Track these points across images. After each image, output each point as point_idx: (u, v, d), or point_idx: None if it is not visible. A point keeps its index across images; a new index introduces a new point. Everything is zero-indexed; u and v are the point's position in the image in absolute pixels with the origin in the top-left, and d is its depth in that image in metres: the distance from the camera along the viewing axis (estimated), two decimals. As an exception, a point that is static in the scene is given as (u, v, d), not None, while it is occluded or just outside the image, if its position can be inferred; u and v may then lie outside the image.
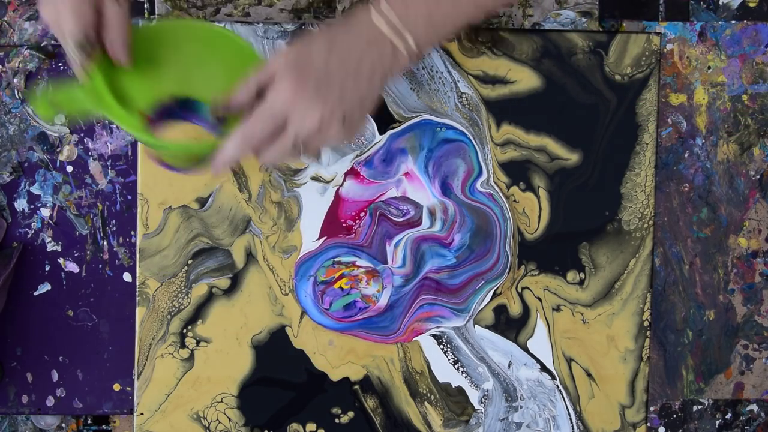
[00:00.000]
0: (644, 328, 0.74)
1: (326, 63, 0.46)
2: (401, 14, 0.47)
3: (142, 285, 0.71)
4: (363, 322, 0.72)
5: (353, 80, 0.47)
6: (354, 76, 0.47)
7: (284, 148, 0.47)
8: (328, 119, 0.46)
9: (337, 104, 0.46)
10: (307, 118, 0.46)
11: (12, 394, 0.75)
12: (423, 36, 0.48)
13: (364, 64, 0.47)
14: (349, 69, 0.47)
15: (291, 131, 0.46)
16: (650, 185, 0.73)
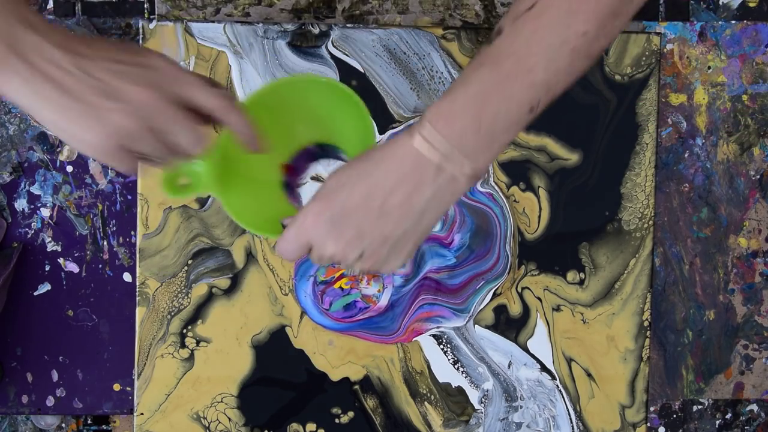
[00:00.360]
0: (644, 328, 0.74)
1: (348, 198, 0.44)
2: (447, 132, 0.41)
3: (142, 285, 0.71)
4: (363, 322, 0.72)
5: (376, 219, 0.44)
6: (377, 214, 0.43)
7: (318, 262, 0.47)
8: (342, 254, 0.45)
9: (354, 241, 0.44)
10: (322, 248, 0.45)
11: (12, 394, 0.75)
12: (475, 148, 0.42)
13: (393, 202, 0.43)
14: (372, 206, 0.43)
15: (313, 255, 0.47)
16: (650, 185, 0.73)
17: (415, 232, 0.45)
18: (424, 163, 0.42)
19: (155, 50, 0.44)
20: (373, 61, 0.71)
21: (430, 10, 0.76)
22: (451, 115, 0.41)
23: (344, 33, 0.71)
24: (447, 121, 0.41)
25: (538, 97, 0.42)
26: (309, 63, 0.71)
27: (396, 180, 0.43)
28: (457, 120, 0.41)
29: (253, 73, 0.71)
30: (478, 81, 0.41)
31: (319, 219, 0.44)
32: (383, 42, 0.71)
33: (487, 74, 0.41)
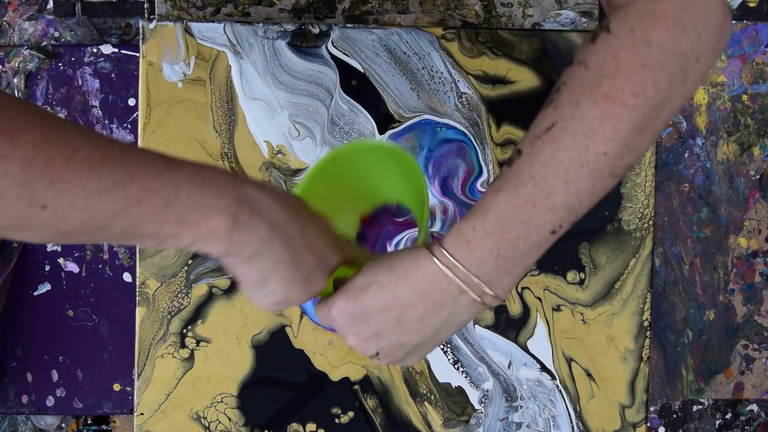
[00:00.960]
0: (644, 328, 0.74)
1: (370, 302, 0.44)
2: (466, 260, 0.41)
3: (142, 285, 0.71)
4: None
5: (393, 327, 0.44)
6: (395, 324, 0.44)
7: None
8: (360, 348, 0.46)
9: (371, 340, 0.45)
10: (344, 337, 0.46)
11: (12, 394, 0.75)
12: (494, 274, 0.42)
13: (411, 316, 0.43)
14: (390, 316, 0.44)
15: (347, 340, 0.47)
16: (650, 185, 0.73)
17: (431, 342, 0.46)
18: (444, 286, 0.42)
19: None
20: (373, 61, 0.71)
21: (430, 10, 0.76)
22: (470, 244, 0.41)
23: (344, 33, 0.71)
24: (466, 250, 0.41)
25: (559, 220, 0.42)
26: (309, 63, 0.71)
27: (415, 297, 0.43)
28: (476, 249, 0.41)
29: (253, 73, 0.71)
30: (496, 208, 0.41)
31: (343, 313, 0.45)
32: (383, 42, 0.71)
33: (504, 200, 0.41)
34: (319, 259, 0.43)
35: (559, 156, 0.40)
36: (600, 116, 0.39)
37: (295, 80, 0.71)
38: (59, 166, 0.35)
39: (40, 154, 0.34)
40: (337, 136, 0.71)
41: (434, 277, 0.42)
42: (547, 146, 0.40)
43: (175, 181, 0.37)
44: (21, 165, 0.34)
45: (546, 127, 0.40)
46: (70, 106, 0.74)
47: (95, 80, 0.74)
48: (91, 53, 0.73)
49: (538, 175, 0.40)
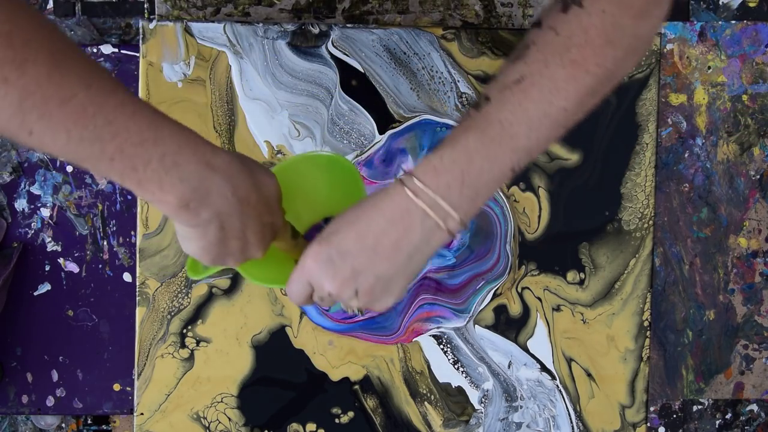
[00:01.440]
0: (644, 328, 0.74)
1: (343, 240, 0.48)
2: (432, 183, 0.46)
3: (142, 285, 0.71)
4: (363, 322, 0.72)
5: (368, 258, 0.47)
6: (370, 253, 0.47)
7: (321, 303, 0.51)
8: (338, 292, 0.49)
9: (348, 279, 0.48)
10: (320, 287, 0.49)
11: (12, 394, 0.75)
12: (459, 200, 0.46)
13: (384, 242, 0.47)
14: (365, 246, 0.47)
15: (315, 294, 0.51)
16: (650, 185, 0.73)
17: (405, 273, 0.48)
18: (412, 209, 0.46)
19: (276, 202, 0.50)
20: (373, 61, 0.71)
21: (430, 10, 0.76)
22: (437, 170, 0.46)
23: (344, 33, 0.71)
24: (433, 175, 0.46)
25: (518, 160, 0.47)
26: (309, 63, 0.71)
27: (387, 223, 0.47)
28: (443, 175, 0.46)
29: (253, 73, 0.71)
30: (464, 143, 0.46)
31: (318, 260, 0.48)
32: (383, 42, 0.71)
33: (473, 137, 0.46)
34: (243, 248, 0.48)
35: (526, 106, 0.45)
36: (565, 77, 0.45)
37: (295, 80, 0.71)
38: (52, 107, 0.38)
39: (39, 90, 0.37)
40: (337, 136, 0.71)
41: (403, 201, 0.46)
42: (516, 96, 0.45)
43: (148, 155, 0.41)
44: (20, 94, 0.37)
45: (515, 80, 0.45)
46: (70, 106, 0.74)
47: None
48: (91, 53, 0.73)
49: (506, 120, 0.45)
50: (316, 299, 0.51)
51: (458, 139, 0.46)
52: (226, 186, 0.44)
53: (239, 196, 0.45)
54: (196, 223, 0.44)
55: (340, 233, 0.48)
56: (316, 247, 0.49)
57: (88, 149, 0.40)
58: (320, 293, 0.50)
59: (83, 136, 0.39)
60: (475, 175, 0.46)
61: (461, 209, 0.46)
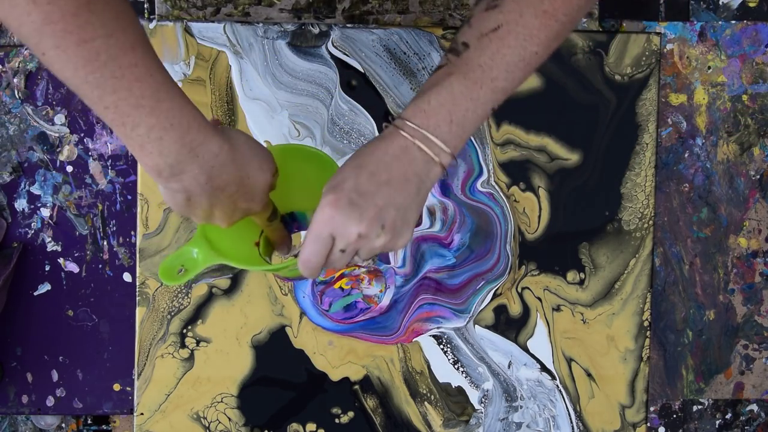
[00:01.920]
0: (644, 328, 0.74)
1: (357, 181, 0.50)
2: (423, 123, 0.50)
3: (142, 285, 0.71)
4: (363, 323, 0.72)
5: (386, 192, 0.51)
6: (386, 187, 0.51)
7: (339, 261, 0.53)
8: (366, 231, 0.50)
9: (374, 216, 0.50)
10: (347, 233, 0.50)
11: (12, 394, 0.75)
12: (448, 136, 0.51)
13: (395, 175, 0.51)
14: (380, 182, 0.50)
15: (337, 246, 0.51)
16: (650, 185, 0.73)
17: (416, 203, 0.52)
18: (410, 146, 0.51)
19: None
20: (373, 61, 0.71)
21: (430, 10, 0.76)
22: (426, 113, 0.51)
23: (344, 33, 0.71)
24: (424, 117, 0.50)
25: (497, 100, 0.52)
26: (309, 63, 0.71)
27: (392, 159, 0.51)
28: (432, 116, 0.50)
29: (253, 73, 0.71)
30: (449, 86, 0.51)
31: (339, 206, 0.50)
32: (383, 42, 0.71)
33: (456, 81, 0.51)
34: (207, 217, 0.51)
35: (503, 51, 0.50)
36: (538, 26, 0.50)
37: (295, 80, 0.71)
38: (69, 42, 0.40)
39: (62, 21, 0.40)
40: (337, 136, 0.71)
41: (402, 141, 0.51)
42: (494, 43, 0.50)
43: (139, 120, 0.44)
44: (43, 19, 0.39)
45: (492, 28, 0.50)
46: (70, 105, 0.74)
47: (95, 80, 0.74)
48: (91, 53, 0.74)
49: (486, 65, 0.50)
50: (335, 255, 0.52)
51: (442, 83, 0.51)
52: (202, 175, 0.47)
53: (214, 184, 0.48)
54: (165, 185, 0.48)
55: (351, 179, 0.50)
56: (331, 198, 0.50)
57: (87, 90, 0.42)
58: (346, 241, 0.51)
59: (88, 78, 0.41)
60: (461, 115, 0.51)
61: (451, 144, 0.51)
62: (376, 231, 0.51)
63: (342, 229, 0.50)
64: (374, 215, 0.50)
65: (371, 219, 0.50)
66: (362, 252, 0.52)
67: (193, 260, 0.55)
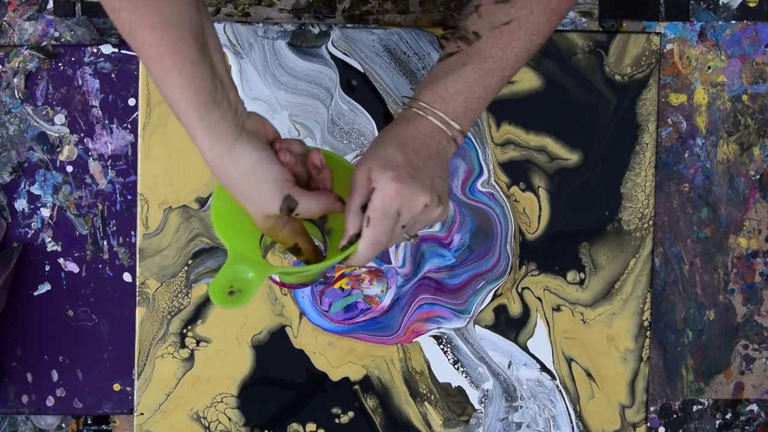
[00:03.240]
0: (644, 328, 0.74)
1: (406, 157, 0.53)
2: (443, 109, 0.55)
3: (142, 285, 0.71)
4: (363, 323, 0.72)
5: (431, 165, 0.55)
6: (430, 161, 0.55)
7: (397, 238, 0.55)
8: (430, 200, 0.53)
9: (430, 186, 0.54)
10: (414, 205, 0.53)
11: (12, 394, 0.75)
12: (463, 120, 0.56)
13: (432, 151, 0.55)
14: (424, 156, 0.54)
15: (403, 221, 0.54)
16: (650, 185, 0.73)
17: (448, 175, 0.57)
18: (435, 128, 0.55)
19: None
20: (373, 61, 0.71)
21: (430, 10, 0.76)
22: (444, 99, 0.56)
23: (344, 33, 0.71)
24: (443, 103, 0.55)
25: (504, 86, 0.58)
26: (309, 63, 0.71)
27: (425, 138, 0.55)
28: (450, 103, 0.56)
29: (253, 73, 0.71)
30: (465, 75, 0.56)
31: (402, 182, 0.52)
32: (383, 42, 0.71)
33: (471, 70, 0.56)
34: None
35: (513, 44, 0.56)
36: (545, 22, 0.56)
37: (295, 80, 0.71)
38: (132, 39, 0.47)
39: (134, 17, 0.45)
40: (337, 136, 0.71)
41: (428, 123, 0.55)
42: (505, 36, 0.56)
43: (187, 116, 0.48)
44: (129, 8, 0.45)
45: (504, 21, 0.56)
46: (70, 106, 0.74)
47: (95, 80, 0.74)
48: (91, 53, 0.73)
49: (497, 56, 0.56)
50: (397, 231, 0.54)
51: (458, 71, 0.56)
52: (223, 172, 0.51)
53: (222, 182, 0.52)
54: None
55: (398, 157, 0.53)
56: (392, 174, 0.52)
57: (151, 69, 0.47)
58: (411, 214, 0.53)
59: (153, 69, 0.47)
60: (474, 101, 0.56)
61: (465, 126, 0.57)
62: (435, 201, 0.54)
63: (409, 202, 0.53)
64: (431, 186, 0.54)
65: (431, 189, 0.54)
66: (419, 224, 0.55)
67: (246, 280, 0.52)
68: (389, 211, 0.52)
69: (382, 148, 0.54)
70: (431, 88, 0.56)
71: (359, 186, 0.53)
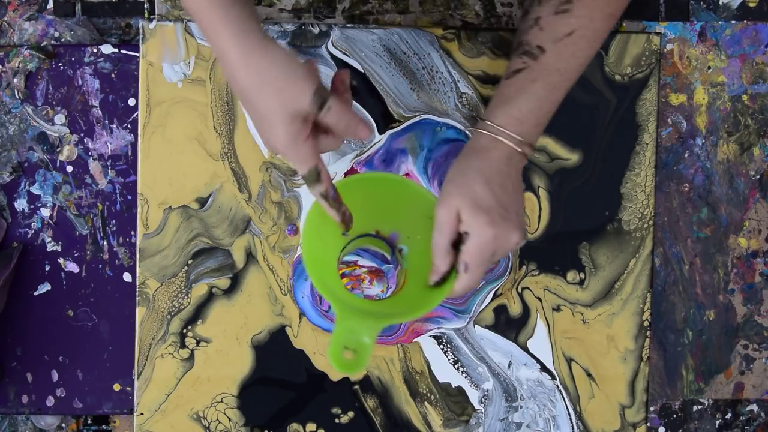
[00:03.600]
0: (644, 328, 0.74)
1: (496, 197, 0.55)
2: (518, 131, 0.56)
3: (142, 285, 0.71)
4: (363, 322, 0.72)
5: (516, 199, 0.57)
6: (515, 194, 0.57)
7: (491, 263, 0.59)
8: (520, 237, 0.56)
9: (519, 223, 0.56)
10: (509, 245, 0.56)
11: (12, 394, 0.75)
12: (534, 137, 0.58)
13: (515, 181, 0.57)
14: (510, 192, 0.56)
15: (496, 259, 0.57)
16: (650, 185, 0.73)
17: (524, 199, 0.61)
18: (513, 153, 0.57)
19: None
20: (373, 61, 0.71)
21: (430, 10, 0.76)
22: (519, 120, 0.56)
23: (344, 33, 0.71)
24: (517, 125, 0.56)
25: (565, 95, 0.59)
26: (309, 63, 0.71)
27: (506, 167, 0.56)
28: (525, 124, 0.57)
29: (253, 73, 0.71)
30: (535, 93, 0.56)
31: (496, 226, 0.54)
32: (383, 42, 0.71)
33: (541, 89, 0.56)
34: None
35: (578, 55, 0.56)
36: (605, 28, 0.56)
37: (295, 80, 0.71)
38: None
39: None
40: (337, 136, 0.71)
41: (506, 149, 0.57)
42: (569, 48, 0.56)
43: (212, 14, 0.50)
44: None
45: (566, 33, 0.56)
46: (70, 106, 0.74)
47: (95, 80, 0.74)
48: (91, 53, 0.73)
49: (563, 69, 0.56)
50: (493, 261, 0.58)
51: (529, 89, 0.56)
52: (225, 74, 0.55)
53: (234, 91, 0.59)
54: None
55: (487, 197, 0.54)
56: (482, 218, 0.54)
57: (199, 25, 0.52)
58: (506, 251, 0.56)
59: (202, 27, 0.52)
60: (544, 117, 0.58)
61: (535, 142, 0.59)
62: (524, 234, 0.57)
63: (505, 244, 0.55)
64: (519, 222, 0.56)
65: (520, 226, 0.56)
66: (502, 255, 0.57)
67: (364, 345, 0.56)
68: (486, 256, 0.55)
69: (468, 186, 0.55)
70: (504, 109, 0.57)
71: (446, 224, 0.55)
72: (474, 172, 0.56)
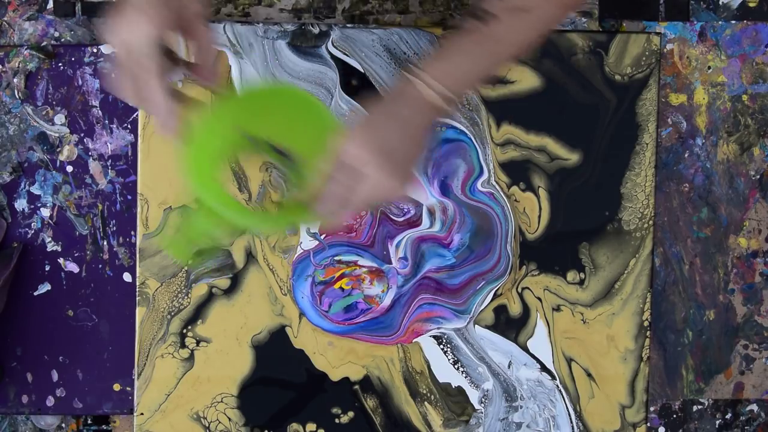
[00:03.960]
0: (644, 328, 0.74)
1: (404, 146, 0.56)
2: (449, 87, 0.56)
3: (142, 285, 0.71)
4: (363, 324, 0.72)
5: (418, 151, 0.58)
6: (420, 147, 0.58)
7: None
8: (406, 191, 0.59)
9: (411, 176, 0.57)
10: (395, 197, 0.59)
11: (12, 394, 0.75)
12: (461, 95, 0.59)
13: (420, 132, 0.57)
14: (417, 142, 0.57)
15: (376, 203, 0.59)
16: (650, 185, 0.73)
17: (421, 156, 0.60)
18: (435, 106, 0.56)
19: None
20: (373, 61, 0.71)
21: (430, 10, 0.76)
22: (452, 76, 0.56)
23: (344, 33, 0.71)
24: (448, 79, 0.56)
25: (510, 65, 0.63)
26: (309, 63, 0.71)
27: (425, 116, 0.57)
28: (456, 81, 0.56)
29: (253, 73, 0.71)
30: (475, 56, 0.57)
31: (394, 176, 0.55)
32: (383, 42, 0.71)
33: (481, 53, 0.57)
34: None
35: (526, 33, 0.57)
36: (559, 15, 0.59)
37: (295, 80, 0.71)
38: None
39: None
40: (337, 136, 0.71)
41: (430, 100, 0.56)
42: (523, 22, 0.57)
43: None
44: None
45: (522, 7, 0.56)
46: (70, 106, 0.74)
47: (95, 80, 0.74)
48: (91, 53, 0.73)
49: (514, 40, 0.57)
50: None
51: (470, 51, 0.57)
52: None
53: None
54: None
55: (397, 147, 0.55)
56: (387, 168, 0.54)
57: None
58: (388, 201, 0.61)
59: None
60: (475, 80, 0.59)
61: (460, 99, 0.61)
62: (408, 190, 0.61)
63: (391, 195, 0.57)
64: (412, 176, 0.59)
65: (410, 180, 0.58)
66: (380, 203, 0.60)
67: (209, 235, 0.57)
68: (370, 201, 0.56)
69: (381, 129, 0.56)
70: (441, 63, 0.57)
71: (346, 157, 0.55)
72: (392, 118, 0.56)
